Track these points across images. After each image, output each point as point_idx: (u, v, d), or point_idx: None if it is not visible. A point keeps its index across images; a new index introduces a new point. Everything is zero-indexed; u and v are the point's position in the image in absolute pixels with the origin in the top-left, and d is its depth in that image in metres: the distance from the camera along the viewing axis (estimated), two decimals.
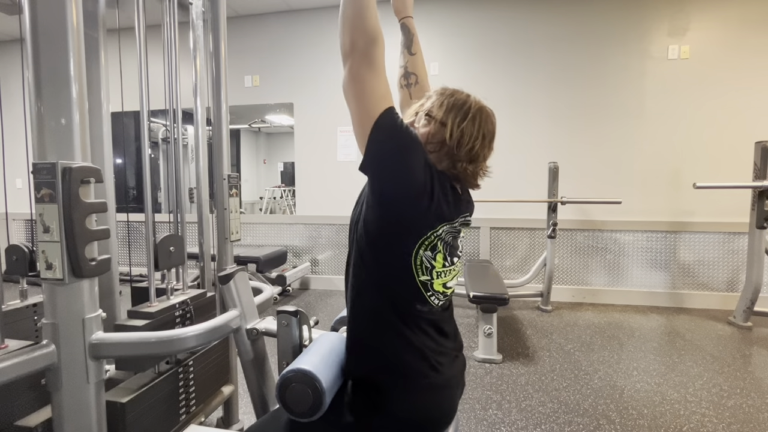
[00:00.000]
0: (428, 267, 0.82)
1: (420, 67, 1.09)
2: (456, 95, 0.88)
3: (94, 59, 1.19)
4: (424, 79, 1.09)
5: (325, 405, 0.78)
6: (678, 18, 3.35)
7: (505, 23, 3.60)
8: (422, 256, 0.81)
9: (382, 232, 0.80)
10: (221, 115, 1.49)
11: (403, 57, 1.09)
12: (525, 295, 3.48)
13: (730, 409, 1.88)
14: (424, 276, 0.82)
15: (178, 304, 1.24)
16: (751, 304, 2.92)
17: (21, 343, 0.84)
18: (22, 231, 4.71)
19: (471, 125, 0.84)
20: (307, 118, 4.04)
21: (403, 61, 1.09)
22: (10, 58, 4.66)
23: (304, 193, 4.11)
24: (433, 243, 0.81)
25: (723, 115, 3.32)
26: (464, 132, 0.83)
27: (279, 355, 1.01)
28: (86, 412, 0.86)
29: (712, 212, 3.38)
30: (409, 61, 1.08)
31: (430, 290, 0.83)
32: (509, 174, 3.64)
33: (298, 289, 4.06)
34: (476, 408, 1.90)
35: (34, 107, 0.80)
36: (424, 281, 0.82)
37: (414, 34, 1.08)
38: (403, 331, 0.81)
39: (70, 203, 0.79)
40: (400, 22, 1.09)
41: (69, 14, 0.80)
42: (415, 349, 0.81)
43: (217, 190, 1.49)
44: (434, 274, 0.83)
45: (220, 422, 1.62)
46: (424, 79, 1.09)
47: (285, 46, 4.01)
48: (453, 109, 0.85)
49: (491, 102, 0.93)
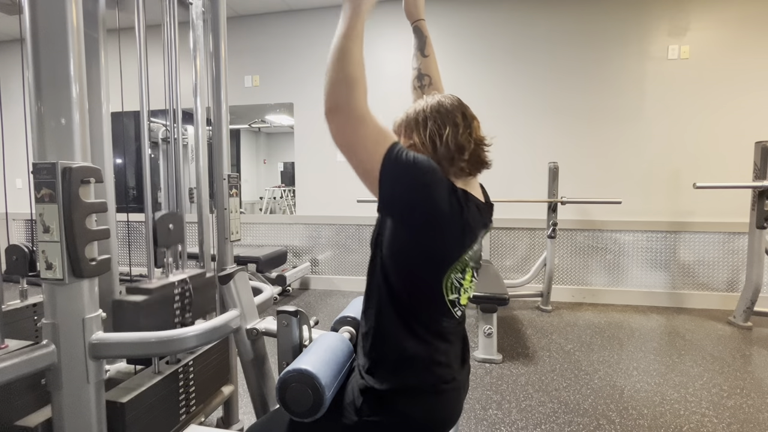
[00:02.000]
0: (457, 287, 0.82)
1: (433, 69, 1.09)
2: (407, 113, 0.86)
3: (94, 59, 1.19)
4: (437, 81, 1.09)
5: (325, 405, 0.78)
6: (678, 18, 3.35)
7: (506, 23, 3.60)
8: (453, 278, 0.80)
9: (410, 262, 0.78)
10: (221, 115, 1.49)
11: (416, 59, 1.10)
12: (525, 295, 3.48)
13: (730, 409, 1.88)
14: (453, 295, 0.82)
15: (177, 282, 1.24)
16: (751, 304, 2.92)
17: (21, 343, 0.84)
18: (22, 231, 4.71)
19: (435, 125, 0.80)
20: (307, 118, 4.04)
21: (416, 63, 1.10)
22: (10, 58, 4.66)
23: (304, 193, 4.11)
24: (464, 266, 0.81)
25: (723, 115, 3.32)
26: (434, 136, 0.79)
27: (279, 355, 1.01)
28: (86, 412, 0.86)
29: (712, 212, 3.38)
30: (422, 63, 1.09)
31: (457, 305, 0.84)
32: (509, 174, 3.63)
33: (298, 289, 4.06)
34: (476, 408, 1.89)
35: (34, 107, 0.80)
36: (453, 299, 0.82)
37: (427, 36, 1.08)
38: (414, 333, 0.80)
39: (70, 203, 0.79)
40: (412, 26, 1.10)
41: (69, 14, 0.80)
42: (424, 353, 0.81)
43: (217, 190, 1.49)
44: (462, 291, 0.83)
45: (220, 422, 1.62)
46: (437, 80, 1.09)
47: (285, 46, 4.02)
48: (411, 125, 0.83)
49: (491, 102, 0.93)
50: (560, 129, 3.57)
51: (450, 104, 0.82)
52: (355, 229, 3.99)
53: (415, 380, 0.80)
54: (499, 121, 3.62)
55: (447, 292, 0.80)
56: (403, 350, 0.81)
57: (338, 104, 0.70)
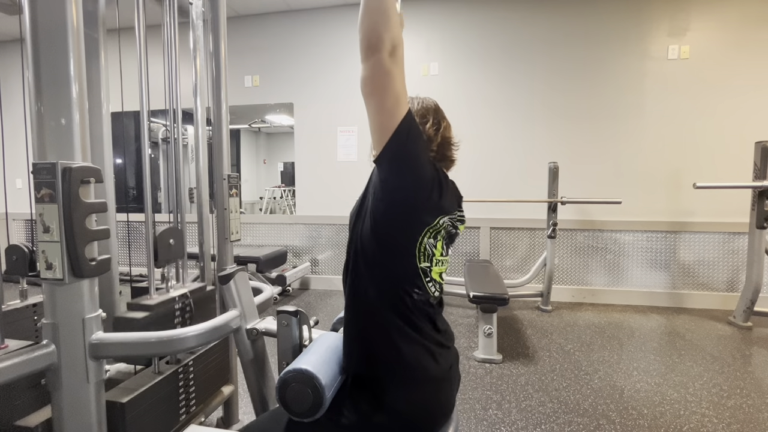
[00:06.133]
0: (429, 254, 0.87)
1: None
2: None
3: (94, 59, 1.19)
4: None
5: (325, 405, 0.78)
6: (678, 18, 3.35)
7: (506, 23, 3.60)
8: (426, 243, 0.85)
9: (390, 221, 0.83)
10: (221, 115, 1.49)
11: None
12: (525, 295, 3.48)
13: (730, 409, 1.88)
14: (425, 263, 0.86)
15: (177, 297, 1.24)
16: (751, 304, 2.92)
17: (21, 343, 0.84)
18: (22, 231, 4.71)
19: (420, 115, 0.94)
20: (307, 118, 4.04)
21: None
22: (10, 58, 4.66)
23: (304, 193, 4.11)
24: (437, 231, 0.86)
25: (723, 115, 3.32)
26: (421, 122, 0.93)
27: (279, 355, 1.01)
28: (86, 412, 0.86)
29: (712, 212, 3.38)
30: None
31: (429, 276, 0.87)
32: (509, 174, 3.63)
33: (298, 289, 4.06)
34: (476, 408, 1.89)
35: (34, 107, 0.80)
36: (424, 267, 0.86)
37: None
38: (400, 326, 0.83)
39: (70, 203, 0.79)
40: None
41: (69, 14, 0.80)
42: (412, 343, 0.83)
43: (217, 190, 1.49)
44: (434, 261, 0.88)
45: (220, 422, 1.62)
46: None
47: (285, 46, 4.02)
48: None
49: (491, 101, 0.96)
50: (560, 129, 3.57)
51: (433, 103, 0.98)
52: None
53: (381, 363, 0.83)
54: (499, 121, 3.62)
55: (420, 257, 0.85)
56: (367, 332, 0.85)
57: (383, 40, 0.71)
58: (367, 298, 0.84)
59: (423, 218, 0.84)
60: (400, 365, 0.82)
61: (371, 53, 0.72)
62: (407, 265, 0.84)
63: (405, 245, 0.84)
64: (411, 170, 0.81)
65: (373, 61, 0.73)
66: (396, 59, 0.74)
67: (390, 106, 0.76)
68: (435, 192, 0.85)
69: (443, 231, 0.88)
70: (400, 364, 0.82)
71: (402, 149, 0.79)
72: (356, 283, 0.86)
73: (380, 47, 0.72)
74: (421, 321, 0.85)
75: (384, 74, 0.73)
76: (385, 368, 0.83)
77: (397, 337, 0.82)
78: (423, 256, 0.85)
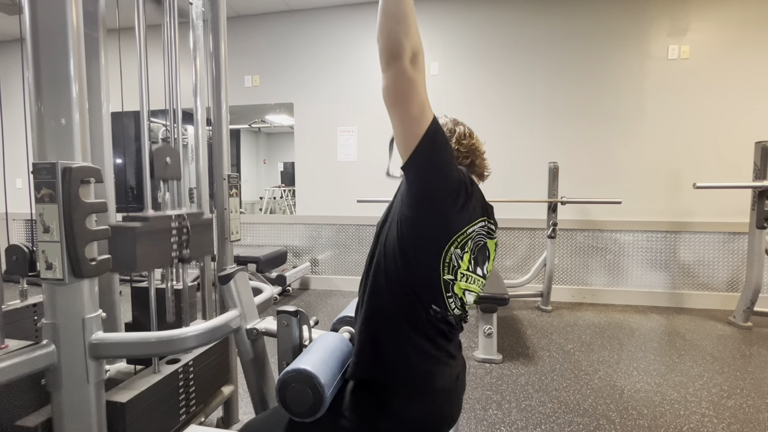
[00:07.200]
0: (455, 266, 0.83)
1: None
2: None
3: (94, 59, 1.19)
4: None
5: (325, 405, 0.78)
6: (678, 18, 3.35)
7: (506, 23, 3.60)
8: (452, 253, 0.82)
9: (417, 228, 0.81)
10: (221, 115, 1.49)
11: None
12: (525, 295, 3.48)
13: (730, 409, 1.88)
14: (448, 275, 0.83)
15: (174, 216, 1.22)
16: (751, 304, 2.92)
17: (21, 343, 0.84)
18: (22, 231, 4.71)
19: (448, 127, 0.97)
20: (307, 118, 4.04)
21: None
22: (10, 58, 4.66)
23: (304, 193, 4.11)
24: (464, 241, 0.83)
25: (723, 115, 3.32)
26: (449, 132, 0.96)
27: (279, 355, 1.01)
28: (86, 412, 0.86)
29: (712, 212, 3.38)
30: None
31: (450, 291, 0.84)
32: (509, 174, 3.64)
33: (298, 289, 4.06)
34: (476, 408, 1.89)
35: (34, 107, 0.80)
36: (447, 281, 0.83)
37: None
38: (412, 336, 0.82)
39: (70, 203, 0.79)
40: None
41: (69, 14, 0.80)
42: (423, 355, 0.82)
43: (217, 190, 1.49)
44: (458, 274, 0.84)
45: (220, 422, 1.62)
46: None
47: (285, 46, 4.02)
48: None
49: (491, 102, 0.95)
50: (560, 129, 3.57)
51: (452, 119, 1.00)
52: (355, 229, 3.99)
53: (410, 379, 0.82)
54: (499, 122, 3.62)
55: (444, 269, 0.82)
56: (381, 338, 0.83)
57: (404, 48, 0.69)
58: (383, 307, 0.83)
59: (449, 225, 0.82)
60: (408, 374, 0.82)
61: (392, 62, 0.70)
62: (428, 277, 0.82)
63: (430, 254, 0.81)
64: (438, 174, 0.79)
65: (395, 69, 0.70)
66: (417, 66, 0.71)
67: (416, 113, 0.74)
68: (461, 197, 0.82)
69: (470, 242, 0.85)
70: (408, 373, 0.82)
71: (430, 154, 0.77)
72: (374, 290, 0.85)
73: (401, 55, 0.69)
74: (435, 335, 0.84)
75: (407, 82, 0.71)
76: (393, 375, 0.82)
77: (409, 347, 0.82)
78: (447, 267, 0.82)
